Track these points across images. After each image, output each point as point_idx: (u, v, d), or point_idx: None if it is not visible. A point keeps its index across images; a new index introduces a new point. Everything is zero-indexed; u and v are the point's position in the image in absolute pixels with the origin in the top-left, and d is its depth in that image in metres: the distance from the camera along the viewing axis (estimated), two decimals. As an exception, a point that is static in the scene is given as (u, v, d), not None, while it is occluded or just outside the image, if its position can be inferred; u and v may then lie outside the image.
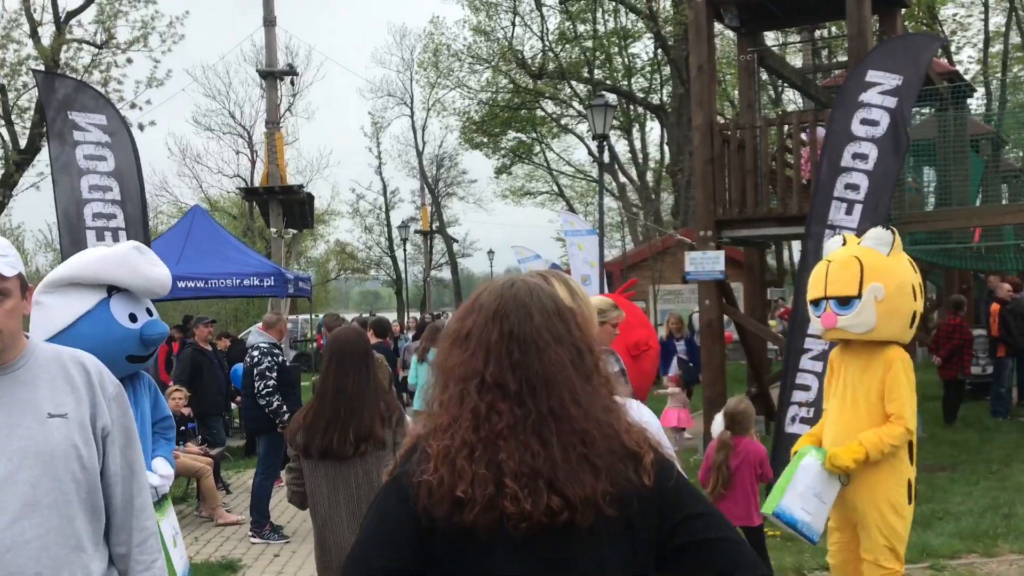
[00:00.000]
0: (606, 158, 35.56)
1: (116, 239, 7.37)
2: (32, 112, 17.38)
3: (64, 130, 7.34)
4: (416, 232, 49.67)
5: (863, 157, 7.81)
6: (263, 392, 8.06)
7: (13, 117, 17.47)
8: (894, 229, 4.92)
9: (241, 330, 23.66)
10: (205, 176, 38.57)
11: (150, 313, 4.54)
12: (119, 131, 7.61)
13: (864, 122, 7.81)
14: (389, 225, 46.76)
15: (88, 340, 4.15)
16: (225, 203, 40.69)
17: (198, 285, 14.00)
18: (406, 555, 1.76)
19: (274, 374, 8.11)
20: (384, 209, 48.48)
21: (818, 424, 5.19)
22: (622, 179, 35.90)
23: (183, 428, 10.62)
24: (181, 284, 13.88)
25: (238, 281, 14.11)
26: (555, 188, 44.04)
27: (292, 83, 27.84)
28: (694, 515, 1.80)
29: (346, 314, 34.76)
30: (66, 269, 4.30)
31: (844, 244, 5.07)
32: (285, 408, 8.12)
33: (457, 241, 50.96)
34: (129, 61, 20.28)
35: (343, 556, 3.21)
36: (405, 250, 43.79)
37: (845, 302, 4.78)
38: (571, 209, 39.96)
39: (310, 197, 24.92)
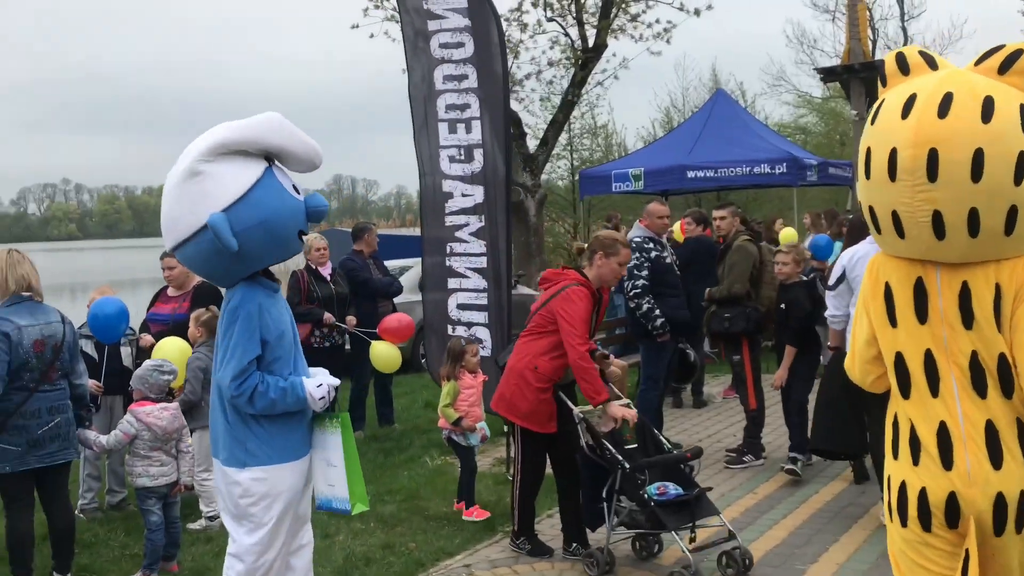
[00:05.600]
0: None
1: (469, 131, 7.10)
2: (598, 9, 17.82)
3: (418, 19, 7.19)
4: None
5: None
6: (632, 293, 7.15)
7: (585, 17, 17.98)
8: None
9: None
10: (823, 61, 36.53)
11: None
12: (482, 13, 7.20)
13: None
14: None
15: (267, 209, 3.79)
16: (833, 92, 38.30)
17: (707, 175, 13.34)
18: None
19: (644, 272, 7.11)
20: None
21: None
22: None
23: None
24: (691, 174, 13.39)
25: (747, 169, 13.10)
26: None
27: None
28: None
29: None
30: (223, 134, 3.79)
31: None
32: (658, 312, 7.13)
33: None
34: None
35: None
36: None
37: None
38: None
39: (900, 72, 22.05)
